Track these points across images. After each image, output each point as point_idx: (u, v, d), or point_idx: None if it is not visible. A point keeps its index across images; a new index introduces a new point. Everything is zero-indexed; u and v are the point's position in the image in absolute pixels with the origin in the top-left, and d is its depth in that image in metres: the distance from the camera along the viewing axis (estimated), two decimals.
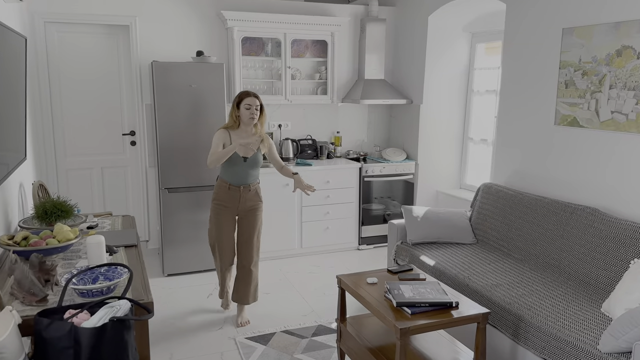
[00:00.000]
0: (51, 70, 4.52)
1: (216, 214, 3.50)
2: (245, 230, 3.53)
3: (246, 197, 3.47)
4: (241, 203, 3.46)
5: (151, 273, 4.50)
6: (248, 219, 3.52)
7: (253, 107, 3.38)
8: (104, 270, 2.16)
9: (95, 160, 4.79)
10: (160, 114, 4.22)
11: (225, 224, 3.51)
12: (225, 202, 3.46)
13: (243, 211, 3.50)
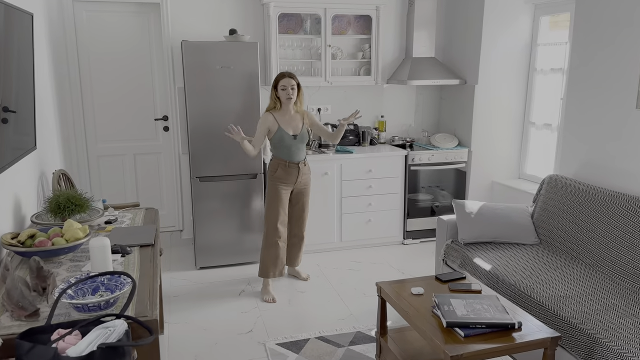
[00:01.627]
0: (80, 53, 4.31)
1: (276, 191, 3.62)
2: (301, 202, 3.75)
3: (303, 171, 3.66)
4: (299, 177, 3.63)
5: (183, 265, 4.28)
6: (303, 192, 3.74)
7: (289, 88, 3.50)
8: (106, 279, 1.88)
9: (127, 147, 4.59)
10: (191, 98, 3.94)
11: (285, 200, 3.67)
12: (285, 179, 3.61)
13: (300, 185, 3.68)
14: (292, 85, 3.48)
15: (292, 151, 3.56)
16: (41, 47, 3.51)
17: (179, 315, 3.44)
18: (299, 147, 3.58)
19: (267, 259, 3.68)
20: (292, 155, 3.57)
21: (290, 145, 3.54)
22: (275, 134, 3.53)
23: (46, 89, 3.56)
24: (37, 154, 3.07)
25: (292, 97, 3.49)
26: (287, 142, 3.53)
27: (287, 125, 3.54)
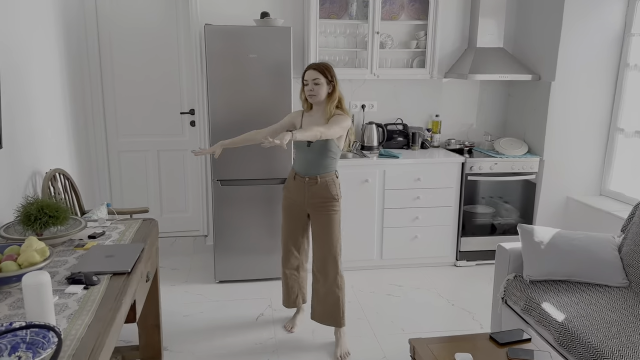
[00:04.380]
0: (102, 38, 3.93)
1: (283, 206, 3.03)
2: (316, 233, 2.92)
3: (311, 190, 2.85)
4: (307, 197, 2.87)
5: (202, 277, 3.83)
6: (316, 219, 2.90)
7: (311, 82, 2.79)
8: (30, 333, 1.40)
9: (150, 142, 4.19)
10: (213, 90, 3.46)
11: (290, 218, 2.99)
12: (292, 193, 2.94)
13: (311, 207, 2.90)
14: (314, 79, 2.75)
15: (301, 162, 2.86)
16: (49, 29, 3.13)
17: (184, 342, 2.98)
18: (310, 159, 2.82)
19: (282, 285, 3.16)
20: (301, 166, 2.86)
21: (302, 154, 2.85)
22: None
23: (54, 79, 3.18)
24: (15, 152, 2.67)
25: (313, 94, 2.77)
26: (299, 149, 2.86)
27: (307, 127, 2.78)
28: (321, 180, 2.82)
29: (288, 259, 3.05)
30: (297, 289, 3.11)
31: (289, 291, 3.11)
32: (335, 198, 2.84)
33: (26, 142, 2.70)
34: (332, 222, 2.85)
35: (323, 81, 2.75)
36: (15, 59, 2.60)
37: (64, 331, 1.54)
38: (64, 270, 1.99)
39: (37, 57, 2.92)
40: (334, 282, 2.88)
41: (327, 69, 2.78)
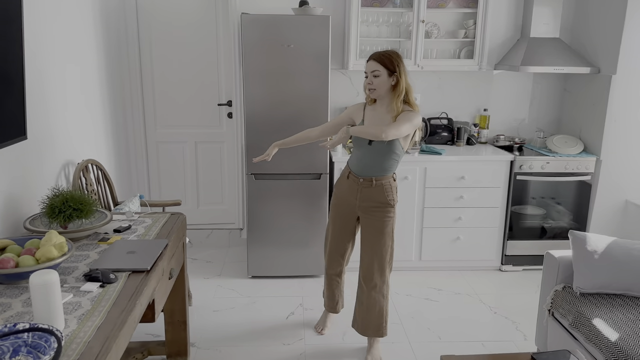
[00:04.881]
0: (141, 30, 3.91)
1: (332, 204, 2.80)
2: (365, 237, 2.70)
3: (365, 193, 2.61)
4: (359, 199, 2.63)
5: (236, 271, 3.77)
6: (368, 223, 2.66)
7: (369, 75, 2.52)
8: (32, 336, 1.34)
9: (188, 134, 4.15)
10: (248, 81, 3.36)
11: (337, 219, 2.77)
12: (342, 191, 2.72)
13: (362, 210, 2.66)
14: (373, 71, 2.48)
15: (360, 160, 2.60)
16: (88, 20, 3.12)
17: (211, 338, 2.92)
18: (370, 158, 2.56)
19: (325, 288, 3.01)
20: (357, 164, 2.62)
21: (361, 152, 2.59)
22: None
23: (92, 71, 3.17)
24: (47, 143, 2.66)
25: (373, 88, 2.50)
26: (359, 146, 2.59)
27: (370, 123, 2.59)
28: (377, 182, 2.58)
29: (332, 263, 2.86)
30: (338, 295, 2.95)
31: (331, 296, 2.95)
32: (390, 204, 2.60)
33: (59, 133, 2.69)
34: (384, 229, 2.62)
35: (383, 73, 2.46)
36: (51, 49, 2.58)
37: (72, 333, 1.48)
38: (83, 265, 1.95)
39: (75, 49, 2.91)
40: (379, 292, 2.69)
41: (389, 59, 2.47)
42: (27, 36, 2.26)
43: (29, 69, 2.29)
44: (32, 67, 2.35)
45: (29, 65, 2.30)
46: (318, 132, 2.75)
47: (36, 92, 2.41)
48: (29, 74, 2.29)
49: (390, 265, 2.71)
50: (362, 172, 2.60)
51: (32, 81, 2.35)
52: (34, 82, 2.39)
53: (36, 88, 2.41)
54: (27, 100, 2.28)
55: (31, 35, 2.34)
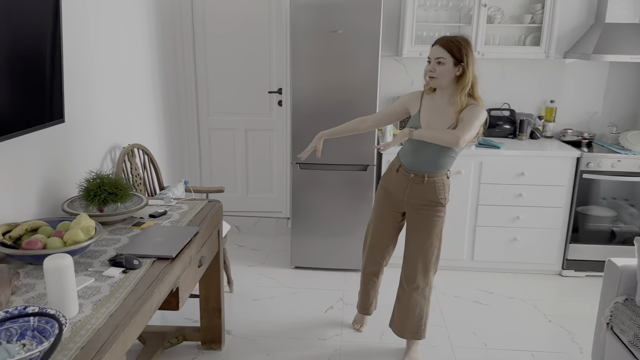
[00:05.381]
0: (195, 15, 3.93)
1: (377, 197, 2.62)
2: (410, 235, 2.53)
3: (415, 189, 2.43)
4: (407, 195, 2.45)
5: (279, 261, 3.74)
6: (415, 221, 2.49)
7: (433, 61, 2.28)
8: (40, 320, 1.34)
9: (239, 121, 4.15)
10: (295, 68, 3.28)
11: (381, 214, 2.59)
12: (390, 185, 2.52)
13: (410, 207, 2.49)
14: (437, 57, 2.24)
15: (413, 154, 2.39)
16: (141, 6, 3.15)
17: (247, 327, 2.90)
18: (423, 152, 2.36)
19: (360, 288, 2.87)
20: (409, 158, 2.41)
21: (415, 145, 2.37)
22: (409, 120, 2.45)
23: (143, 56, 3.21)
24: (91, 127, 2.71)
25: (434, 76, 2.27)
26: (413, 140, 2.38)
27: (428, 115, 2.35)
28: (429, 179, 2.39)
29: (371, 261, 2.71)
30: (373, 295, 2.80)
31: (365, 297, 2.81)
32: (441, 203, 2.42)
33: (105, 118, 2.74)
34: (433, 229, 2.45)
35: (449, 61, 2.22)
36: (100, 35, 2.62)
37: (84, 319, 1.47)
38: (112, 250, 1.96)
39: (126, 37, 2.95)
40: (422, 294, 2.54)
41: (458, 47, 2.22)
42: (73, 20, 2.29)
43: (74, 52, 2.33)
44: (76, 51, 2.39)
45: (74, 48, 2.34)
46: (370, 123, 2.57)
47: (82, 76, 2.46)
48: (74, 57, 2.33)
49: (436, 267, 2.55)
50: (414, 167, 2.41)
51: (77, 64, 2.39)
52: (80, 65, 2.43)
53: (82, 71, 2.46)
54: (72, 84, 2.33)
55: (76, 19, 2.38)
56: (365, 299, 2.80)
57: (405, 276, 2.55)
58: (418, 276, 2.52)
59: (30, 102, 1.93)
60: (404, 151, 2.47)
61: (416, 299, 2.55)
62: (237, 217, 4.24)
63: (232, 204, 4.27)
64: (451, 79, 2.27)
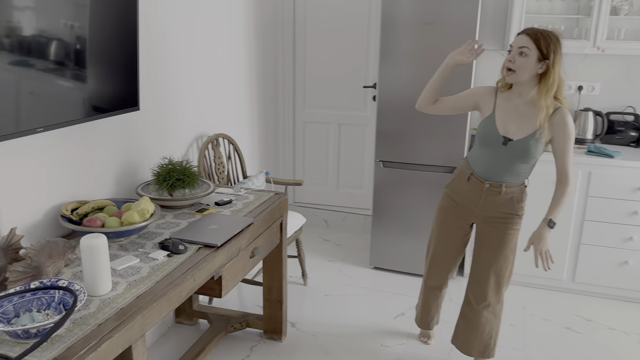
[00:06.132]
0: (297, 6, 3.97)
1: (442, 207, 2.37)
2: (481, 249, 2.30)
3: (490, 201, 2.21)
4: (480, 207, 2.23)
5: (358, 259, 3.66)
6: (488, 235, 2.26)
7: (515, 50, 2.01)
8: (65, 295, 1.44)
9: (333, 115, 4.13)
10: (384, 62, 3.17)
11: (446, 225, 2.36)
12: (458, 195, 2.29)
13: (482, 220, 2.27)
14: (521, 47, 1.97)
15: (489, 162, 2.15)
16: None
17: (312, 322, 2.88)
18: (503, 161, 2.12)
19: (419, 301, 2.67)
20: (485, 166, 2.17)
21: (490, 152, 2.14)
22: (481, 122, 2.18)
23: (240, 46, 3.32)
24: (177, 115, 2.85)
25: (513, 68, 2.00)
26: (488, 144, 2.13)
27: (504, 117, 2.09)
28: (506, 190, 2.16)
29: (433, 274, 2.50)
30: (435, 310, 2.60)
31: (425, 311, 2.61)
32: (518, 214, 2.21)
33: (195, 107, 2.88)
34: (507, 242, 2.23)
35: (533, 54, 1.96)
36: (198, 29, 2.76)
37: (114, 297, 1.55)
38: (169, 233, 2.05)
39: (224, 28, 3.06)
40: (492, 311, 2.33)
41: (546, 40, 1.95)
42: (166, 12, 2.43)
43: (161, 40, 2.47)
44: (170, 42, 2.54)
45: (162, 37, 2.48)
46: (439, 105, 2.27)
47: (172, 66, 2.60)
48: (164, 48, 2.47)
49: (508, 282, 2.30)
50: (490, 176, 2.17)
51: (169, 54, 2.54)
52: (171, 55, 2.57)
53: (172, 61, 2.60)
54: (159, 71, 2.48)
55: (170, 11, 2.52)
56: (426, 312, 2.60)
57: (475, 293, 2.33)
58: (490, 293, 2.29)
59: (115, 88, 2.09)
60: (475, 158, 2.23)
61: (486, 317, 2.32)
62: (326, 210, 4.24)
63: (322, 197, 4.28)
64: (531, 75, 2.01)
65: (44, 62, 1.77)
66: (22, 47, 1.68)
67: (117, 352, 1.39)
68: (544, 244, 2.11)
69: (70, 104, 1.89)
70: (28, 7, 1.70)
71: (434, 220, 2.43)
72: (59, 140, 1.98)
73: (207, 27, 2.94)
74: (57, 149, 1.98)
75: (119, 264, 1.76)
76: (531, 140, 2.06)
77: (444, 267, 2.45)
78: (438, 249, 2.42)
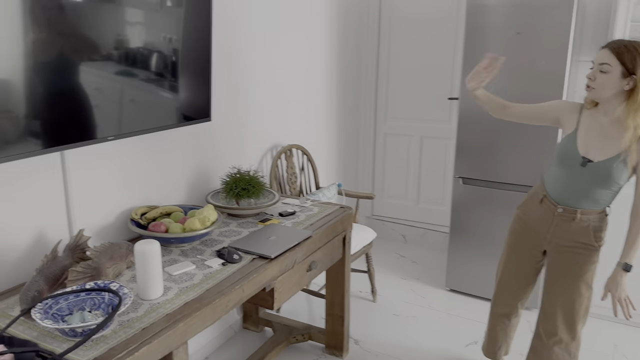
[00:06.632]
0: (383, 19, 3.92)
1: (512, 230, 2.22)
2: (551, 280, 2.11)
3: (563, 227, 2.01)
4: (551, 233, 2.05)
5: (433, 279, 3.51)
6: (560, 265, 2.06)
7: (596, 66, 1.83)
8: (113, 297, 1.51)
9: (415, 127, 4.00)
10: (467, 73, 3.00)
11: (516, 250, 2.20)
12: (530, 218, 2.12)
13: (553, 247, 2.07)
14: (602, 63, 1.79)
15: (564, 185, 1.97)
16: (323, 10, 3.29)
17: (377, 341, 2.79)
18: (581, 184, 1.92)
19: (487, 328, 2.47)
20: (558, 188, 1.99)
21: (567, 173, 1.95)
22: (562, 139, 2.01)
23: (320, 58, 3.35)
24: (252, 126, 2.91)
25: (592, 86, 1.83)
26: (565, 164, 1.95)
27: (586, 136, 1.91)
28: (582, 217, 1.96)
29: (500, 300, 2.33)
30: (502, 338, 2.39)
31: (492, 339, 2.41)
32: (595, 246, 1.98)
33: (269, 119, 2.93)
34: (581, 275, 2.01)
35: (615, 70, 1.77)
36: (278, 44, 2.82)
37: (163, 302, 1.61)
38: (229, 241, 2.09)
39: (303, 40, 3.11)
40: (565, 349, 2.11)
41: (633, 54, 1.74)
42: (242, 26, 2.51)
43: (242, 57, 2.55)
44: (242, 50, 2.61)
45: (239, 48, 2.56)
46: (508, 113, 2.13)
47: (245, 75, 2.67)
48: (240, 61, 2.55)
49: (584, 320, 2.07)
50: (564, 200, 1.98)
51: (240, 64, 2.61)
52: (244, 63, 2.65)
53: (246, 71, 2.67)
54: (235, 81, 2.57)
55: (244, 24, 2.60)
56: (492, 341, 2.41)
57: (545, 327, 2.12)
58: (560, 329, 2.08)
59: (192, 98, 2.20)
60: (551, 177, 2.04)
61: (558, 354, 2.11)
62: (405, 225, 4.12)
63: (401, 211, 4.16)
64: (614, 92, 1.80)
65: (144, 72, 1.94)
66: (127, 59, 1.86)
67: (156, 357, 1.43)
68: (621, 290, 1.87)
69: (162, 112, 2.06)
70: (139, 22, 1.87)
71: (504, 243, 2.27)
72: (136, 146, 2.11)
73: (289, 43, 2.99)
74: (134, 154, 2.10)
75: (175, 269, 1.82)
76: (614, 163, 1.84)
77: (511, 294, 2.26)
78: (506, 274, 2.25)
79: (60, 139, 1.68)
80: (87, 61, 1.72)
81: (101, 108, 1.80)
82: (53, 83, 1.63)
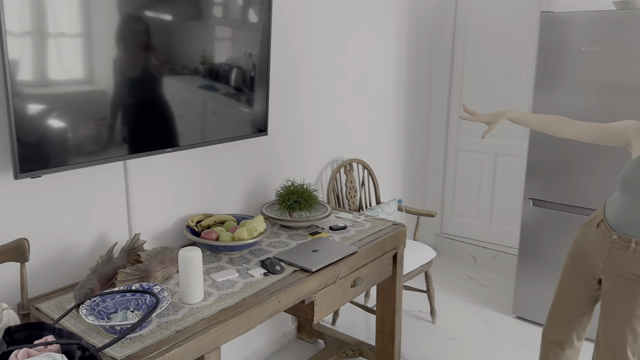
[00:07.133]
0: (457, 35, 3.83)
1: (569, 253, 2.08)
2: (604, 312, 1.94)
3: (616, 256, 1.86)
4: (605, 260, 1.90)
5: (500, 303, 3.34)
6: (611, 296, 1.90)
7: None
8: (151, 298, 1.61)
9: (489, 144, 3.85)
10: (539, 91, 2.86)
11: (571, 275, 2.05)
12: (586, 242, 1.98)
13: (607, 276, 1.92)
14: None
15: (622, 209, 1.83)
16: (393, 21, 3.30)
17: None
18: (638, 207, 1.79)
19: (540, 356, 2.27)
20: (616, 214, 1.85)
21: (627, 199, 1.81)
22: (628, 164, 1.87)
23: (390, 71, 3.35)
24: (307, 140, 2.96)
25: None
26: (627, 189, 1.81)
27: None
28: (637, 247, 1.80)
29: (551, 325, 2.15)
30: None
31: None
32: None
33: (330, 133, 2.98)
34: (635, 310, 1.84)
35: None
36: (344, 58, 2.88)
37: (201, 307, 1.69)
38: (276, 252, 2.15)
39: (376, 52, 3.13)
40: None
41: None
42: (304, 39, 2.59)
43: (303, 64, 2.63)
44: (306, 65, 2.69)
45: (304, 61, 2.64)
46: (573, 132, 1.98)
47: (307, 89, 2.75)
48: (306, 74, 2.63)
49: (638, 356, 1.87)
50: (620, 227, 1.83)
51: (303, 77, 2.69)
52: (305, 75, 2.72)
53: (310, 83, 2.74)
54: (296, 96, 2.65)
55: (308, 37, 2.67)
56: None
57: (599, 358, 1.95)
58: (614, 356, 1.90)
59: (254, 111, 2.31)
60: (612, 201, 1.88)
61: None
62: (476, 246, 3.97)
63: (472, 231, 4.02)
64: None
65: (224, 86, 2.12)
66: (211, 73, 2.03)
67: (187, 359, 1.51)
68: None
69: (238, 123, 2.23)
70: (227, 38, 2.03)
71: (562, 267, 2.12)
72: (195, 157, 2.24)
73: (349, 45, 3.01)
74: (193, 165, 2.24)
75: (220, 276, 1.91)
76: None
77: (564, 321, 2.09)
78: (559, 299, 2.10)
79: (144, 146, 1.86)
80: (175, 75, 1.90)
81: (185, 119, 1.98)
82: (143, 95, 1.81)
